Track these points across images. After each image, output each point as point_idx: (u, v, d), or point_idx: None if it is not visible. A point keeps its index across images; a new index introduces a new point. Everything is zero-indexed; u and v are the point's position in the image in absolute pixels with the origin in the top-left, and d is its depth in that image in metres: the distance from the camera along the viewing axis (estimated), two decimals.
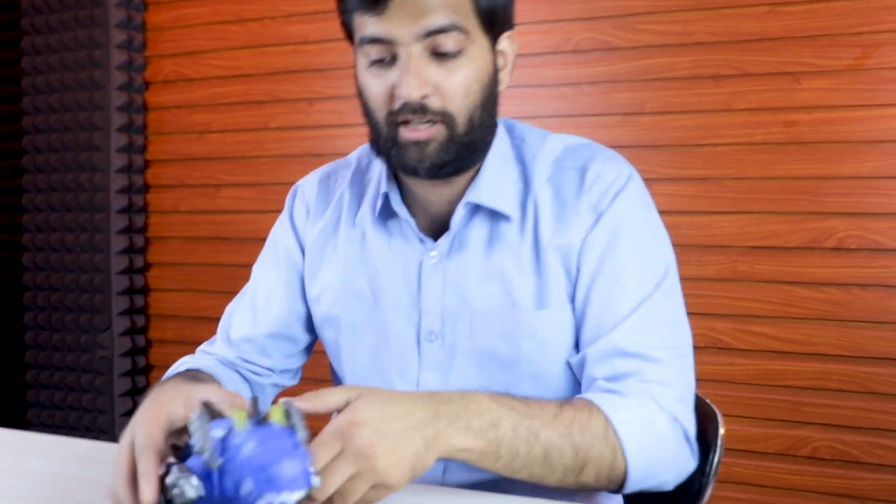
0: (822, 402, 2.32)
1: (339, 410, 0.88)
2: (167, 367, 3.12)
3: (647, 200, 1.16)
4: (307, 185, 1.32)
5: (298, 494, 0.75)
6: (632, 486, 1.02)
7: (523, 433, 0.94)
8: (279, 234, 1.32)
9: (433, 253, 1.16)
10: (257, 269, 1.32)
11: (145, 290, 3.20)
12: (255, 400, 0.83)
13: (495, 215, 1.15)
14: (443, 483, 1.16)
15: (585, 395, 1.06)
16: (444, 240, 1.16)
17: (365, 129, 1.15)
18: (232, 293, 1.36)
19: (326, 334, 1.27)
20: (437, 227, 1.18)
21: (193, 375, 1.13)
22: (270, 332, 1.28)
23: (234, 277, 3.00)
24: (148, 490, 0.79)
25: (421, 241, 1.18)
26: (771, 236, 2.36)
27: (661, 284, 1.10)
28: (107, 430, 3.14)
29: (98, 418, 3.18)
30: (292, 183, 1.34)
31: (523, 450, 0.94)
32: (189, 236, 3.11)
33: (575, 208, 1.12)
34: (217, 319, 1.34)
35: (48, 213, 3.20)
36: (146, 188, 3.17)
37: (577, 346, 1.14)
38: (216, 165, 3.05)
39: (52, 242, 3.20)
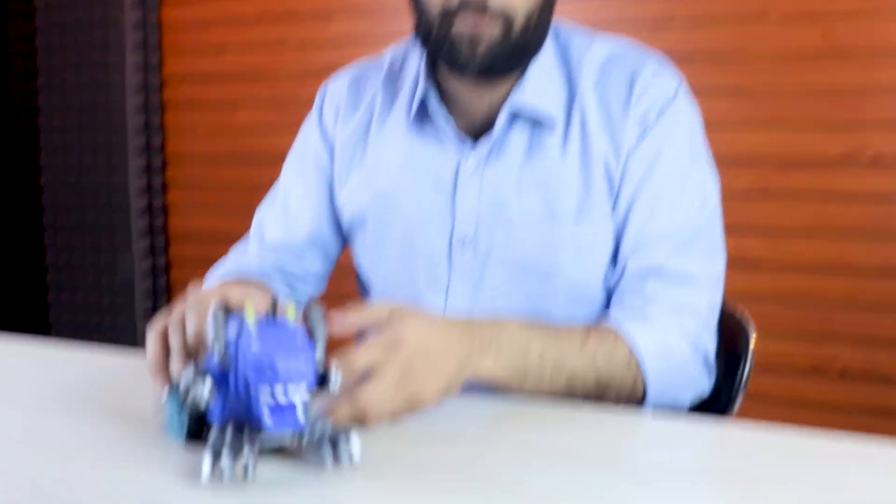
0: (853, 319, 2.29)
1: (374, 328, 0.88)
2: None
3: (694, 116, 1.14)
4: (337, 87, 1.29)
5: (297, 388, 0.74)
6: (648, 406, 1.05)
7: (550, 362, 0.96)
8: (308, 137, 1.29)
9: (471, 158, 1.13)
10: (287, 172, 1.30)
11: (165, 211, 3.17)
12: (274, 301, 0.81)
13: (537, 123, 1.12)
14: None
15: (613, 319, 1.06)
16: (485, 144, 1.12)
17: (386, 41, 1.10)
18: (252, 211, 1.33)
19: (354, 239, 1.25)
20: (474, 133, 1.15)
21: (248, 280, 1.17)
22: (304, 237, 1.26)
23: (254, 196, 2.94)
24: (192, 328, 0.88)
25: (460, 143, 1.14)
26: (805, 150, 2.30)
27: (704, 207, 1.10)
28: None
29: (120, 338, 3.19)
30: (311, 100, 1.31)
31: (548, 377, 0.96)
32: (207, 155, 3.08)
33: (622, 120, 1.09)
34: (238, 238, 1.33)
35: (64, 134, 3.17)
36: (163, 107, 3.12)
37: (613, 260, 1.12)
38: (233, 83, 3.00)
39: (70, 162, 3.17)
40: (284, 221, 1.27)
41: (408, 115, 1.18)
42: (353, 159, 1.23)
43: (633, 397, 1.03)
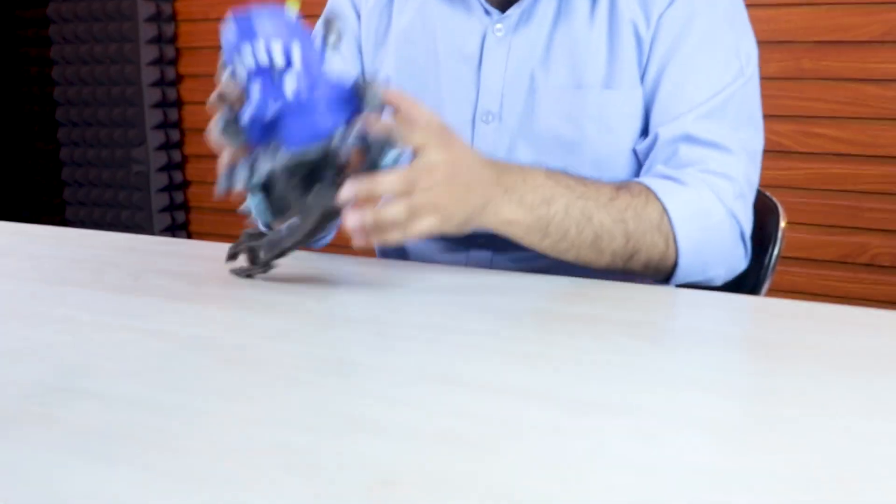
0: (884, 207, 2.23)
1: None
2: (204, 182, 3.10)
3: None
4: None
5: (284, 47, 0.75)
6: (680, 278, 1.00)
7: (575, 214, 0.92)
8: (333, 3, 1.24)
9: (499, 26, 1.09)
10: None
11: (178, 103, 3.12)
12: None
13: None
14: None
15: (644, 179, 1.01)
16: (515, 10, 1.08)
17: None
18: None
19: None
20: (499, 4, 1.11)
21: None
22: None
23: None
24: None
25: (486, 12, 1.10)
26: (840, 29, 2.21)
27: (740, 74, 1.04)
28: None
29: (137, 233, 3.18)
30: None
31: (573, 231, 0.92)
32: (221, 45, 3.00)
33: None
34: None
35: (75, 24, 3.11)
36: None
37: (644, 133, 1.08)
38: None
39: (81, 54, 3.11)
40: None
41: None
42: (378, 30, 1.19)
43: (664, 265, 0.99)
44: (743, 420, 0.58)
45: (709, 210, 1.00)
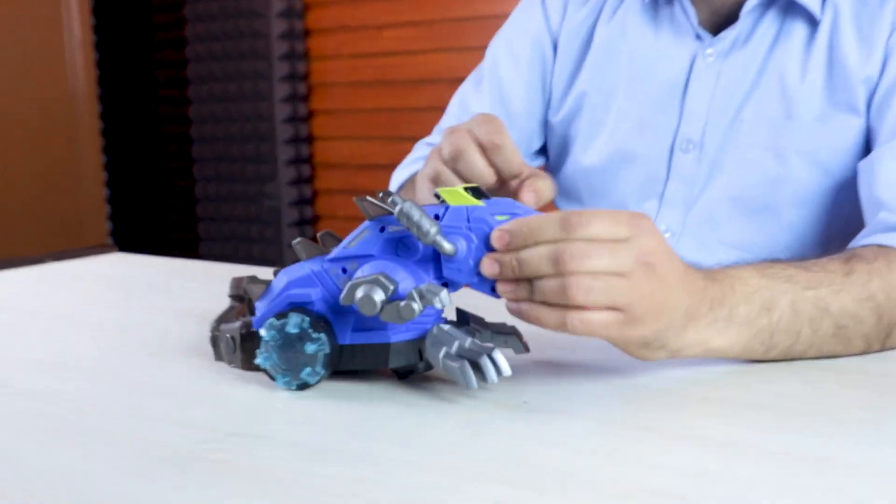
0: None
1: None
2: (334, 217, 3.13)
3: None
4: None
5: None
6: None
7: (807, 309, 0.72)
8: (529, 19, 1.19)
9: (710, 50, 1.05)
10: (497, 55, 1.21)
11: (310, 139, 3.16)
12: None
13: (789, 12, 1.01)
14: None
15: (871, 240, 0.84)
16: (729, 34, 1.04)
17: None
18: (397, 139, 1.27)
19: (557, 133, 1.18)
20: (715, 22, 1.06)
21: None
22: (519, 114, 1.18)
23: (398, 123, 2.91)
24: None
25: (698, 37, 1.06)
26: None
27: None
28: None
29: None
30: (458, 19, 1.24)
31: (807, 330, 0.72)
32: (352, 81, 3.03)
33: (880, 5, 0.98)
34: (383, 167, 1.26)
35: (210, 63, 3.20)
36: (307, 32, 3.09)
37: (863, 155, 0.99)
38: (378, 4, 2.93)
39: (217, 92, 3.19)
40: (492, 101, 1.18)
41: (642, 3, 1.10)
42: (580, 47, 1.15)
43: None
44: None
45: None
